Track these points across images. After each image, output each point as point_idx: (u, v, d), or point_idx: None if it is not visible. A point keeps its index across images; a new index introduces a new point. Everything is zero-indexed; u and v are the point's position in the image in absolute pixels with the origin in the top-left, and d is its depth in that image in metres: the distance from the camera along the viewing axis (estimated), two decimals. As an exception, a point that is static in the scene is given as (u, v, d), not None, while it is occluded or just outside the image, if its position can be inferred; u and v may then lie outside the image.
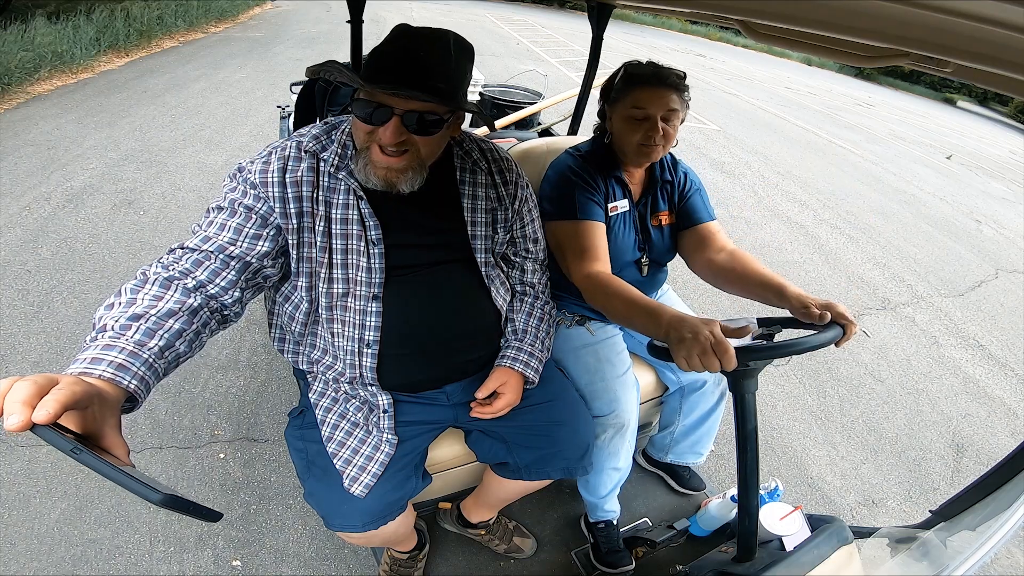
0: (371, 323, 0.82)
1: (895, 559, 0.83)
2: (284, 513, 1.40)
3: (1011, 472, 0.77)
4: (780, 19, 0.64)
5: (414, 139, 0.75)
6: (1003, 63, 0.49)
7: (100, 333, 0.61)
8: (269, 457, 1.54)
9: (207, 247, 0.72)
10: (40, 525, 1.29)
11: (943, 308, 3.14)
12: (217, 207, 0.76)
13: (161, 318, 0.64)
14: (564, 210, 1.04)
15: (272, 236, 0.76)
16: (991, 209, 5.45)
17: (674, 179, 1.17)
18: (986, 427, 2.20)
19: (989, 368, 2.61)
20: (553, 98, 2.60)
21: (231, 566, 1.26)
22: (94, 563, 1.24)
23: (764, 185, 4.69)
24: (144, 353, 0.60)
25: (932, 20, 0.47)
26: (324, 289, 0.81)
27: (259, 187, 0.76)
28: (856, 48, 0.71)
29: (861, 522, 1.64)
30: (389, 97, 0.72)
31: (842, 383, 2.28)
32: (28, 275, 2.12)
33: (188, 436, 1.57)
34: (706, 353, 0.68)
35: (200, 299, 0.69)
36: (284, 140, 0.82)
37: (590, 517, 1.24)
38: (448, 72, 0.74)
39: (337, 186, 0.80)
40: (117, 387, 0.55)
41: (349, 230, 0.80)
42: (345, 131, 0.83)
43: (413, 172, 0.78)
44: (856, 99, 12.34)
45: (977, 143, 10.30)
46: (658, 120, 1.01)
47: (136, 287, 0.67)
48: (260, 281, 0.78)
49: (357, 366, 0.85)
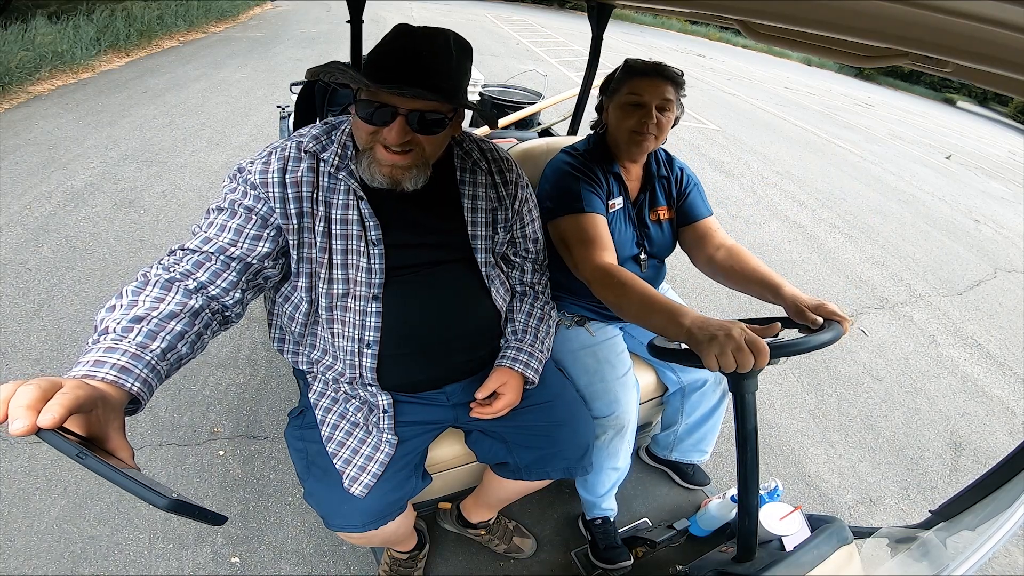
0: (371, 323, 0.82)
1: (895, 559, 0.83)
2: (283, 510, 1.40)
3: (1011, 472, 0.77)
4: (779, 19, 0.65)
5: (419, 138, 0.75)
6: (1002, 63, 0.50)
7: (102, 336, 0.61)
8: (268, 454, 1.55)
9: (207, 248, 0.72)
10: (40, 522, 1.29)
11: (941, 307, 3.15)
12: (217, 208, 0.76)
13: (163, 320, 0.64)
14: (567, 205, 1.03)
15: (272, 237, 0.76)
16: (990, 209, 5.46)
17: (670, 175, 1.18)
18: (984, 426, 2.20)
19: (987, 367, 2.62)
20: (553, 98, 2.61)
21: (230, 563, 1.27)
22: (93, 560, 1.24)
23: (763, 184, 4.70)
24: (146, 355, 0.60)
25: (931, 20, 0.47)
26: (324, 289, 0.81)
27: (259, 187, 0.76)
28: (855, 48, 0.72)
29: (859, 520, 1.65)
30: (393, 97, 0.72)
31: (840, 382, 2.29)
32: (29, 273, 2.13)
33: (188, 433, 1.57)
34: (741, 350, 0.68)
35: (201, 300, 0.69)
36: (284, 140, 0.81)
37: (587, 515, 1.24)
38: (449, 70, 0.75)
39: (337, 186, 0.80)
40: (120, 390, 0.55)
41: (349, 230, 0.80)
42: (345, 131, 0.83)
43: (418, 170, 0.78)
44: (856, 99, 12.36)
45: (977, 143, 10.32)
46: (653, 108, 1.02)
47: (137, 289, 0.67)
48: (261, 282, 0.78)
49: (357, 366, 0.85)
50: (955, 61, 0.56)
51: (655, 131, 1.03)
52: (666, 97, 1.02)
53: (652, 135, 1.04)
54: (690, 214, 1.16)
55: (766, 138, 6.32)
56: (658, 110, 1.02)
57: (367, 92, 0.73)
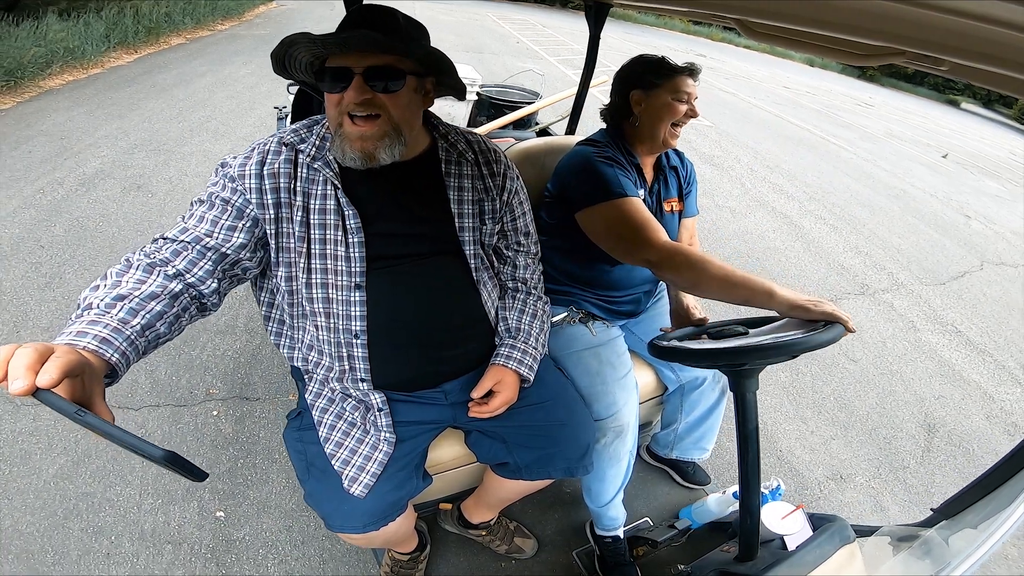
0: (356, 313, 0.82)
1: (897, 557, 0.83)
2: (269, 467, 1.47)
3: (1012, 470, 0.76)
4: (776, 18, 0.65)
5: (381, 99, 0.76)
6: (998, 61, 0.50)
7: (86, 311, 0.63)
8: (260, 415, 1.64)
9: (184, 237, 0.74)
10: (38, 480, 1.35)
11: (923, 295, 3.19)
12: (199, 200, 0.79)
13: (144, 300, 0.67)
14: (606, 192, 1.02)
15: (248, 228, 0.78)
16: (983, 206, 5.49)
17: (679, 168, 1.23)
18: (959, 409, 2.24)
19: (966, 353, 2.66)
20: (551, 98, 2.61)
21: (215, 517, 1.32)
22: (85, 515, 1.29)
23: (752, 177, 4.77)
24: (127, 330, 0.62)
25: (926, 18, 0.47)
26: (304, 280, 0.82)
27: (237, 180, 0.78)
28: (852, 47, 0.72)
29: (828, 497, 1.68)
30: (347, 58, 0.74)
31: (816, 361, 2.34)
32: (41, 250, 2.25)
33: (184, 394, 1.67)
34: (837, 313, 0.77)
35: (181, 286, 0.72)
36: (268, 136, 0.84)
37: (596, 528, 1.22)
38: (398, 27, 0.77)
39: (316, 177, 0.81)
40: (100, 359, 0.58)
41: (327, 220, 0.80)
42: (325, 124, 0.84)
43: (389, 139, 0.78)
44: (855, 99, 12.37)
45: (977, 143, 10.29)
46: (694, 104, 1.10)
47: (121, 271, 0.70)
48: (239, 273, 0.80)
49: (346, 358, 0.85)
50: (951, 59, 0.56)
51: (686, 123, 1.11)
52: (696, 94, 1.11)
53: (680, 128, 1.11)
54: (686, 210, 1.23)
55: (759, 134, 6.38)
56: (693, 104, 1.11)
57: (329, 60, 0.76)
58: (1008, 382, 2.50)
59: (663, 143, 1.11)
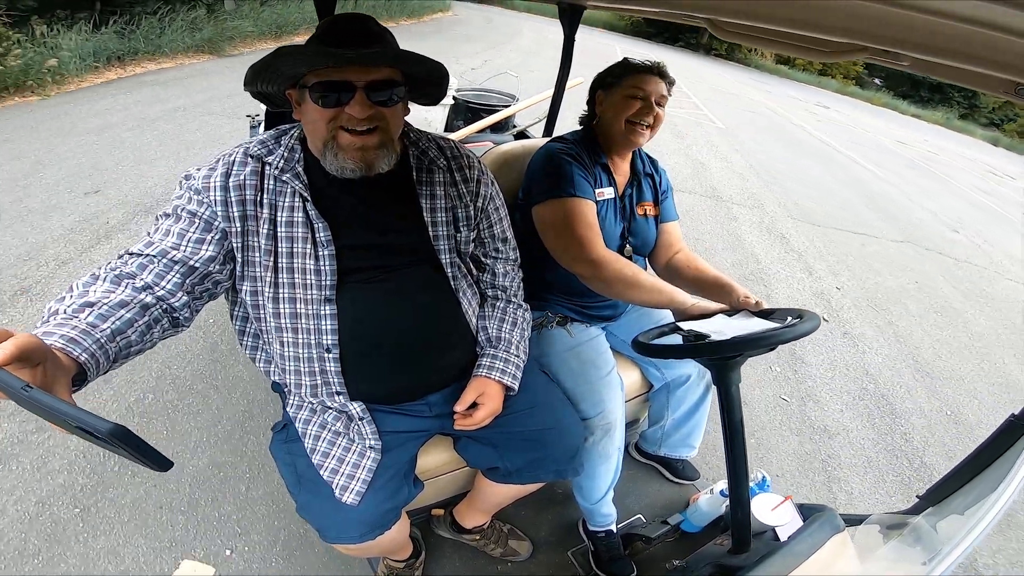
0: (327, 327, 0.81)
1: (888, 545, 0.82)
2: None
3: (994, 454, 0.77)
4: (744, 16, 0.68)
5: (381, 112, 0.75)
6: (957, 55, 0.52)
7: (52, 317, 0.62)
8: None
9: (149, 251, 0.73)
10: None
11: (776, 217, 3.43)
12: (164, 214, 0.77)
13: (113, 307, 0.65)
14: (558, 188, 1.05)
15: (217, 240, 0.76)
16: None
17: (654, 174, 1.25)
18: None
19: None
20: (527, 100, 2.61)
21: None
22: None
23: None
24: (96, 333, 0.60)
25: (889, 15, 0.51)
26: (270, 294, 0.80)
27: (202, 192, 0.76)
28: (817, 44, 0.75)
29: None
30: (348, 72, 0.71)
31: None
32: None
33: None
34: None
35: (151, 298, 0.70)
36: (234, 147, 0.81)
37: (588, 524, 1.23)
38: (382, 34, 0.77)
39: (283, 189, 0.79)
40: (68, 357, 0.56)
41: (295, 232, 0.79)
42: (294, 135, 0.83)
43: (386, 149, 0.78)
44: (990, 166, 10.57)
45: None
46: (652, 101, 1.09)
47: (88, 283, 0.68)
48: (209, 287, 0.78)
49: (318, 373, 0.83)
50: (911, 55, 0.59)
51: (649, 123, 1.10)
52: (662, 94, 1.10)
53: (647, 127, 1.10)
54: (664, 215, 1.24)
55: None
56: (656, 104, 1.09)
57: (320, 73, 0.72)
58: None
59: (623, 139, 1.12)
